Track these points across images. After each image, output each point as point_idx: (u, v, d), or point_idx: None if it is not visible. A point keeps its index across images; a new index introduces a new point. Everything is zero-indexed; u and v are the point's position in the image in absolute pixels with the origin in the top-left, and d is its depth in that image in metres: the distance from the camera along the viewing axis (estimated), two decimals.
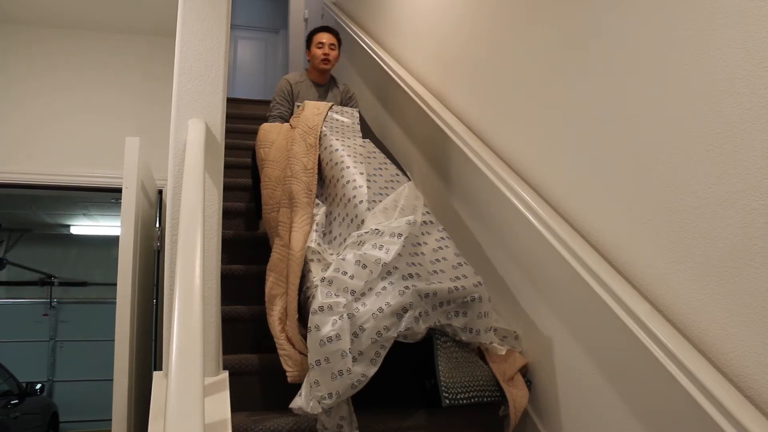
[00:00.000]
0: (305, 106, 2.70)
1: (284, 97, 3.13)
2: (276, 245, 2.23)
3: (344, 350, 1.59)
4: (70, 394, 7.37)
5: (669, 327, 1.31)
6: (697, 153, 1.28)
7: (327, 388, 1.61)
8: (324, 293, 1.71)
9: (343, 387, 1.60)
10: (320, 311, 1.67)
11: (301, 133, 2.50)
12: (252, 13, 7.26)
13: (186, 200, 1.58)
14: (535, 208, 1.79)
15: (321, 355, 1.62)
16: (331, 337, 1.62)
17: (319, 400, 1.62)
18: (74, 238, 7.96)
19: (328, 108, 2.70)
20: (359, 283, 1.68)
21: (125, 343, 2.26)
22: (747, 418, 1.10)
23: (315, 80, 3.21)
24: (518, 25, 2.05)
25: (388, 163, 2.35)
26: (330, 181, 2.30)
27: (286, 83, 3.14)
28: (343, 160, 2.25)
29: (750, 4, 1.18)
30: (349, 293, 1.69)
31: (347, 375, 1.59)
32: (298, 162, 2.37)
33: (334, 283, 1.73)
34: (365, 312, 1.63)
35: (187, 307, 1.29)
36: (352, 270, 1.72)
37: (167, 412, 1.10)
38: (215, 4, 1.94)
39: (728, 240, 1.20)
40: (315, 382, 1.63)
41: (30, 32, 3.78)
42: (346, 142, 2.41)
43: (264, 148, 2.62)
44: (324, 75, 3.21)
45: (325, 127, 2.53)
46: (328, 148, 2.38)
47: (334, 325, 1.63)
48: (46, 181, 3.63)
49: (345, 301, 1.67)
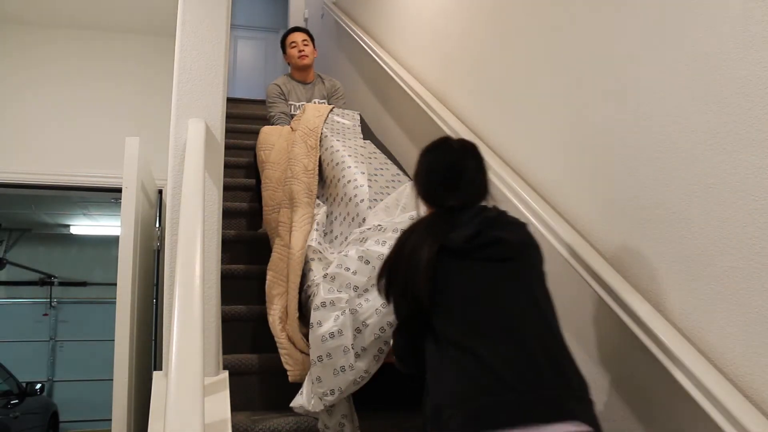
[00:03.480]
0: (306, 109, 2.70)
1: (277, 96, 3.16)
2: (276, 245, 2.23)
3: (346, 346, 1.59)
4: (70, 393, 7.36)
5: (669, 327, 1.31)
6: (696, 153, 1.28)
7: (329, 384, 1.60)
8: (326, 289, 1.71)
9: (345, 383, 1.59)
10: (322, 307, 1.67)
11: (302, 135, 2.50)
12: (252, 13, 7.25)
13: (186, 200, 1.58)
14: (535, 208, 1.79)
15: (323, 351, 1.61)
16: (333, 333, 1.61)
17: (321, 396, 1.62)
18: (74, 238, 7.96)
19: (329, 110, 2.71)
20: (362, 279, 1.67)
21: (125, 343, 2.26)
22: (747, 418, 1.10)
23: (300, 79, 3.25)
24: (519, 24, 2.06)
25: (389, 164, 2.35)
26: (331, 182, 2.30)
27: (275, 87, 3.20)
28: (344, 160, 2.25)
29: (752, 3, 1.18)
30: (351, 289, 1.68)
31: (349, 371, 1.58)
32: (299, 163, 2.37)
33: (336, 279, 1.72)
34: (368, 308, 1.63)
35: (187, 307, 1.30)
36: (355, 266, 1.72)
37: (167, 411, 1.10)
38: (215, 4, 1.94)
39: (728, 240, 1.20)
40: (317, 378, 1.63)
41: (30, 32, 3.78)
42: (347, 143, 2.41)
43: (265, 151, 2.62)
44: (306, 72, 3.25)
45: (326, 128, 2.53)
46: (329, 149, 2.38)
47: (336, 321, 1.63)
48: (46, 181, 3.63)
49: (347, 297, 1.66)
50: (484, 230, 1.25)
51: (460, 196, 1.34)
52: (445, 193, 1.35)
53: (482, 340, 1.15)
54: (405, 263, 1.26)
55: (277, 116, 3.09)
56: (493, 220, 1.29)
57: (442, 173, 1.37)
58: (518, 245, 1.26)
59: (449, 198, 1.34)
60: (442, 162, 1.39)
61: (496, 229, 1.26)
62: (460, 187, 1.35)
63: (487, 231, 1.25)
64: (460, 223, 1.27)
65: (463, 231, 1.25)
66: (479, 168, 1.39)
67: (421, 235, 1.27)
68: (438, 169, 1.39)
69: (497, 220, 1.30)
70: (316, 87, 3.27)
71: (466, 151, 1.40)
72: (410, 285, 1.23)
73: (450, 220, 1.29)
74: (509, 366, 1.10)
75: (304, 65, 3.21)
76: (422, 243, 1.25)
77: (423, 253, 1.23)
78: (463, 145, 1.42)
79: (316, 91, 3.25)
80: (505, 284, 1.22)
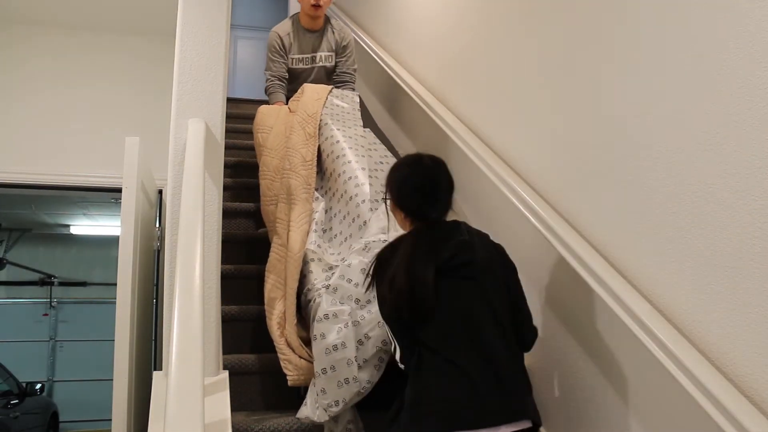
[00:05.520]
0: (304, 90, 2.64)
1: (277, 52, 3.00)
2: (274, 243, 2.22)
3: (350, 358, 1.60)
4: (70, 393, 7.37)
5: (669, 327, 1.31)
6: (694, 152, 1.28)
7: (333, 396, 1.61)
8: (329, 301, 1.72)
9: (349, 394, 1.61)
10: (325, 319, 1.67)
11: (300, 121, 2.45)
12: (252, 13, 7.25)
13: (186, 200, 1.58)
14: (535, 207, 1.79)
15: (327, 363, 1.62)
16: (336, 346, 1.62)
17: (326, 408, 1.63)
18: (74, 238, 7.96)
19: (328, 92, 2.63)
20: (363, 291, 1.68)
21: (125, 343, 2.25)
22: (747, 418, 1.10)
23: (307, 26, 3.03)
24: (518, 24, 2.05)
25: (389, 156, 2.32)
26: (331, 175, 2.27)
27: (275, 37, 3.00)
28: (344, 154, 2.22)
29: (752, 3, 1.18)
30: (353, 301, 1.69)
31: (353, 383, 1.60)
32: (297, 153, 2.33)
33: (338, 291, 1.73)
34: (370, 320, 1.63)
35: (187, 307, 1.30)
36: (357, 278, 1.72)
37: (167, 411, 1.10)
38: (215, 4, 1.94)
39: (728, 240, 1.20)
40: (322, 390, 1.64)
41: (30, 32, 3.78)
42: (347, 132, 2.36)
43: (262, 133, 2.57)
44: (316, 20, 3.02)
45: (325, 113, 2.47)
46: (329, 139, 2.34)
47: (339, 333, 1.63)
48: (46, 181, 3.63)
49: (350, 309, 1.67)
50: (458, 253, 1.40)
51: (438, 209, 1.49)
52: (427, 206, 1.48)
53: (455, 351, 1.33)
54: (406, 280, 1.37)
55: (272, 85, 2.99)
56: (465, 243, 1.43)
57: (422, 187, 1.49)
58: (486, 264, 1.42)
59: (431, 210, 1.48)
60: (421, 176, 1.51)
61: (467, 250, 1.42)
62: (438, 201, 1.49)
63: (461, 253, 1.41)
64: (442, 240, 1.43)
65: (443, 253, 1.40)
66: (450, 182, 1.53)
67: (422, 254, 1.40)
68: (418, 183, 1.51)
69: (468, 242, 1.43)
70: (324, 37, 3.07)
71: (440, 167, 1.54)
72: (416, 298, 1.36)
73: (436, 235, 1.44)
74: (479, 376, 1.30)
75: (317, 15, 2.99)
76: (425, 260, 1.39)
77: (428, 272, 1.37)
78: (436, 161, 1.55)
79: (324, 42, 3.05)
80: (476, 301, 1.38)
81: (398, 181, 1.53)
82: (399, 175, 1.54)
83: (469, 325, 1.35)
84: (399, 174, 1.55)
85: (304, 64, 3.08)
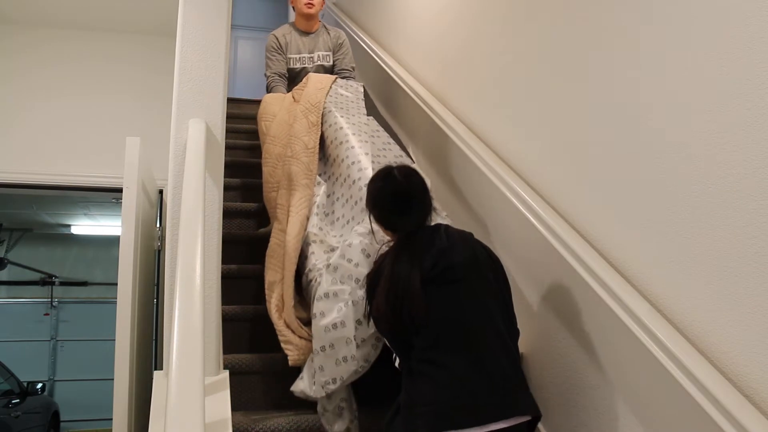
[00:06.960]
0: (309, 80, 2.66)
1: (275, 50, 3.06)
2: (275, 229, 2.23)
3: (349, 337, 1.63)
4: (71, 393, 7.37)
5: (669, 327, 1.31)
6: (696, 152, 1.28)
7: (331, 373, 1.65)
8: (329, 280, 1.74)
9: (347, 373, 1.64)
10: (325, 298, 1.70)
11: (303, 110, 2.46)
12: (252, 13, 7.25)
13: (186, 200, 1.58)
14: (534, 207, 1.79)
15: (326, 341, 1.65)
16: (336, 324, 1.65)
17: (323, 385, 1.66)
18: (75, 238, 7.96)
19: (332, 81, 2.66)
20: (363, 271, 1.69)
21: (126, 343, 2.26)
22: (747, 418, 1.10)
23: (303, 29, 3.12)
24: (518, 24, 2.05)
25: (392, 143, 2.33)
26: (334, 161, 2.28)
27: (273, 38, 3.09)
28: (348, 139, 2.23)
29: (752, 4, 1.18)
30: (353, 281, 1.71)
31: (351, 361, 1.63)
32: (299, 141, 2.34)
33: (338, 270, 1.74)
34: None
35: (188, 307, 1.30)
36: (357, 258, 1.73)
37: (168, 411, 1.10)
38: (215, 4, 1.94)
39: (728, 239, 1.20)
40: (319, 367, 1.67)
41: (30, 33, 3.78)
42: (350, 119, 2.37)
43: (265, 122, 2.59)
44: (311, 22, 3.11)
45: (329, 101, 2.49)
46: (333, 126, 2.36)
47: (339, 312, 1.66)
48: (46, 181, 3.63)
49: (350, 289, 1.69)
50: (439, 260, 1.43)
51: (413, 220, 1.52)
52: (399, 220, 1.52)
53: (447, 354, 1.36)
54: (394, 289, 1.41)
55: (273, 80, 3.03)
56: (444, 249, 1.45)
57: (393, 202, 1.53)
58: (469, 264, 1.45)
59: (405, 224, 1.51)
60: (391, 191, 1.54)
61: (447, 255, 1.44)
62: (412, 212, 1.52)
63: (442, 260, 1.43)
64: (422, 250, 1.45)
65: (425, 263, 1.43)
66: (424, 190, 1.56)
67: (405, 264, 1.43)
68: (389, 199, 1.54)
69: (448, 247, 1.45)
70: (320, 38, 3.13)
71: (410, 178, 1.56)
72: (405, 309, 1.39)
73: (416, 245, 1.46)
74: (469, 377, 1.33)
75: (309, 14, 3.06)
76: (409, 271, 1.42)
77: (414, 282, 1.40)
78: (407, 173, 1.57)
79: (320, 43, 3.12)
80: (464, 303, 1.41)
81: (374, 197, 1.58)
82: (373, 190, 1.58)
83: (460, 327, 1.38)
84: (373, 189, 1.58)
85: (303, 63, 3.12)
